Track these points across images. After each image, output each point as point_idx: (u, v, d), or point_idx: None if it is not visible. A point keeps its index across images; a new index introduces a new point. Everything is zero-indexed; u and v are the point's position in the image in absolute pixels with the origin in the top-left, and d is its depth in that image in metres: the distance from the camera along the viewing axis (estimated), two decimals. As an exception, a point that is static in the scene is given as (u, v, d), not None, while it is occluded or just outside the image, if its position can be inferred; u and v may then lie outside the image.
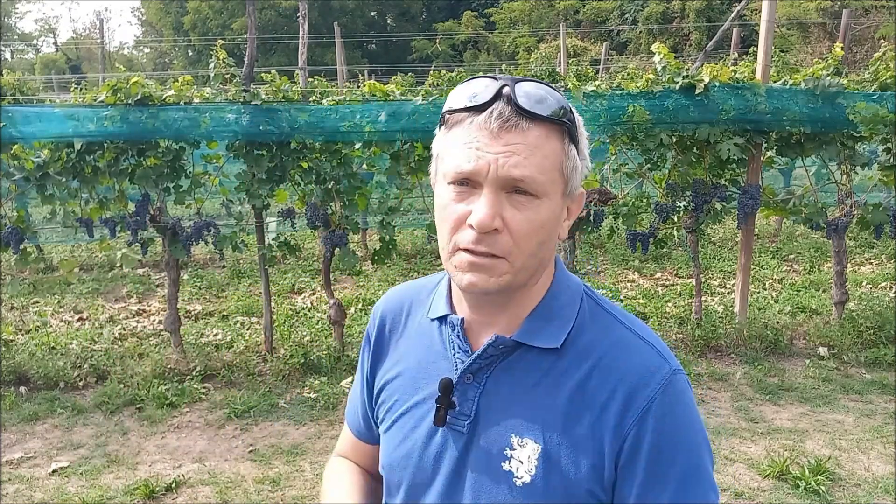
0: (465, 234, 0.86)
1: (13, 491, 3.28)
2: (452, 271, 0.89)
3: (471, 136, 0.85)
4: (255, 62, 4.63)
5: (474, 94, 0.86)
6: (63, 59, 40.86)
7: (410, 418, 0.99)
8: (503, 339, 0.92)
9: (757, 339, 4.79)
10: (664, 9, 26.65)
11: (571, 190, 0.91)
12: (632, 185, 5.67)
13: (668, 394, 0.87)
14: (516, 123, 0.84)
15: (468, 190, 0.86)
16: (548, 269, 0.96)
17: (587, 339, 0.93)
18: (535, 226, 0.86)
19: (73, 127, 4.25)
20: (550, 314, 0.94)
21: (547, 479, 0.88)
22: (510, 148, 0.83)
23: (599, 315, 0.96)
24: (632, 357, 0.90)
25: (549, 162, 0.86)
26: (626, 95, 4.40)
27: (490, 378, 0.94)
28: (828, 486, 3.17)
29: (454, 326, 0.97)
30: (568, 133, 0.88)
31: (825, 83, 4.29)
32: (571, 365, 0.91)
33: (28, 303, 6.38)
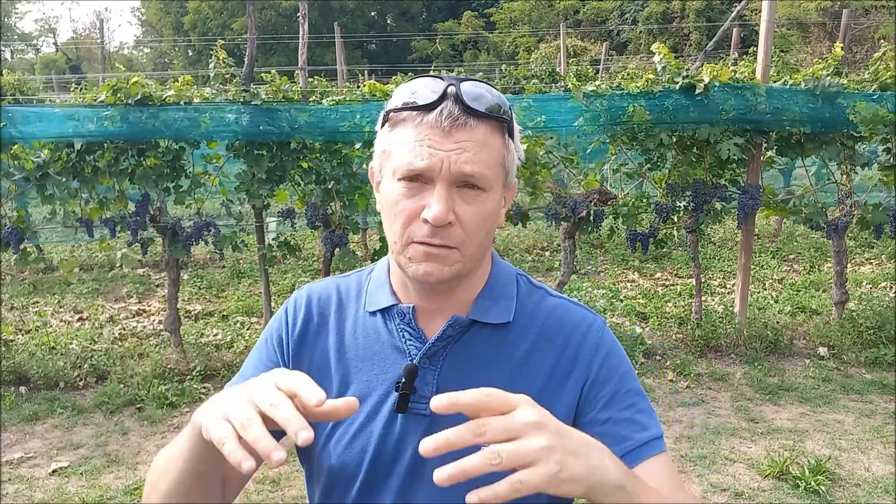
0: (418, 227, 0.90)
1: (13, 491, 3.28)
2: (405, 263, 0.93)
3: (421, 134, 0.88)
4: (255, 62, 4.63)
5: (419, 94, 0.89)
6: (63, 59, 40.86)
7: (360, 412, 0.99)
8: (460, 318, 0.97)
9: (757, 339, 4.79)
10: (664, 9, 26.65)
11: (509, 181, 0.97)
12: (632, 185, 5.66)
13: (606, 336, 1.02)
14: (465, 122, 0.88)
15: (419, 185, 0.90)
16: (487, 255, 1.03)
17: (528, 310, 1.02)
18: (484, 217, 0.92)
19: (73, 127, 4.25)
20: (496, 293, 1.02)
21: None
22: (461, 145, 0.88)
23: (533, 290, 1.06)
24: (570, 317, 1.02)
25: (494, 157, 0.91)
26: (626, 95, 4.40)
27: (446, 359, 0.98)
28: (828, 486, 3.17)
29: (404, 315, 1.00)
30: (507, 128, 0.94)
31: (825, 83, 4.29)
32: (520, 335, 1.00)
33: (28, 303, 6.38)
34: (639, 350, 4.67)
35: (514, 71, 12.39)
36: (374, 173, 0.99)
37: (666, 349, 4.78)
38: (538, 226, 8.70)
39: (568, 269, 4.81)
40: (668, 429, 3.80)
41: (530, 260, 7.73)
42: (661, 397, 4.18)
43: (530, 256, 7.94)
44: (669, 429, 3.80)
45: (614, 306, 5.81)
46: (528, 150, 4.55)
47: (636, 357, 4.61)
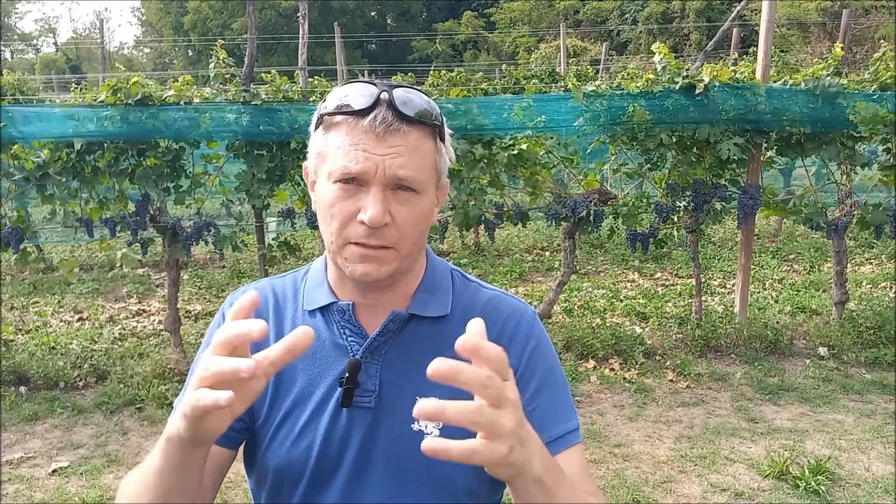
0: (355, 229, 0.93)
1: (13, 491, 3.28)
2: (342, 263, 0.96)
3: (356, 138, 0.91)
4: (255, 62, 4.63)
5: (352, 98, 0.92)
6: (63, 59, 40.86)
7: (304, 410, 1.01)
8: (400, 313, 1.01)
9: (757, 339, 4.79)
10: (664, 9, 26.65)
11: (441, 182, 1.02)
12: (632, 185, 5.66)
13: (536, 328, 1.07)
14: (398, 127, 0.91)
15: (354, 188, 0.93)
16: (422, 252, 1.06)
17: (464, 303, 1.06)
18: (418, 217, 0.95)
19: (73, 127, 4.25)
20: (433, 288, 1.06)
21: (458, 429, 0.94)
22: (394, 150, 0.91)
23: (467, 284, 1.10)
24: (504, 307, 1.07)
25: (427, 161, 0.95)
26: (626, 95, 4.40)
27: (387, 353, 1.01)
28: (828, 486, 3.17)
29: (344, 311, 1.02)
30: (439, 133, 0.97)
31: (825, 83, 4.29)
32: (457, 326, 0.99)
33: (28, 303, 6.38)
34: (639, 350, 4.67)
35: (514, 71, 12.39)
36: (309, 173, 1.02)
37: (666, 349, 4.77)
38: (538, 226, 8.71)
39: (568, 269, 4.81)
40: (668, 429, 3.80)
41: (530, 260, 7.73)
42: (661, 397, 4.18)
43: (530, 256, 7.94)
44: (669, 429, 3.80)
45: (614, 306, 5.81)
46: (528, 149, 4.55)
47: (636, 357, 4.62)
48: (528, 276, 7.09)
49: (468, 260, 7.59)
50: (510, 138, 4.57)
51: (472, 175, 4.57)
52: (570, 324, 5.09)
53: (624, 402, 4.14)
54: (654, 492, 3.19)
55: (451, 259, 7.65)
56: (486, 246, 8.06)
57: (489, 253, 7.86)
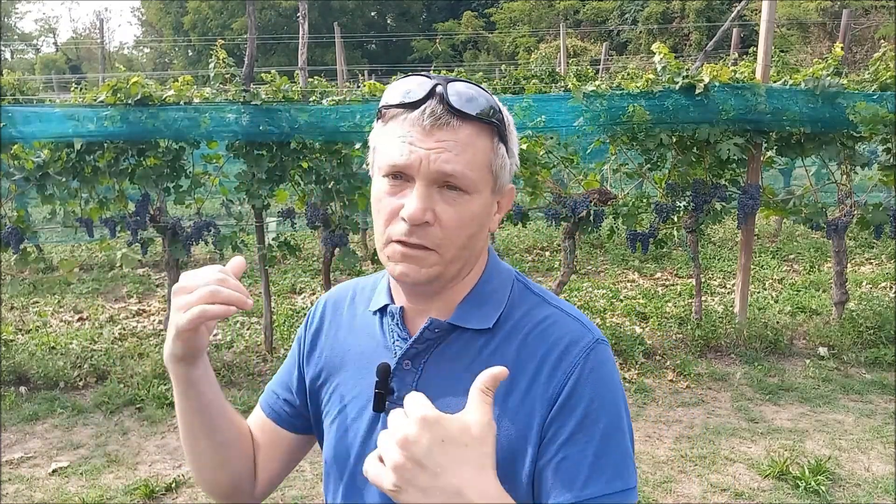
0: (398, 226, 0.90)
1: (13, 491, 3.28)
2: (385, 261, 0.93)
3: (404, 130, 0.88)
4: (255, 62, 4.63)
5: (408, 91, 0.89)
6: (63, 59, 40.86)
7: (353, 409, 1.01)
8: (438, 321, 0.96)
9: (757, 339, 4.79)
10: (664, 9, 26.65)
11: (500, 186, 0.95)
12: (632, 185, 5.66)
13: (590, 360, 0.91)
14: (448, 121, 0.87)
15: (402, 183, 0.90)
16: (481, 258, 1.01)
17: (516, 318, 0.98)
18: (465, 220, 0.90)
19: (73, 127, 4.26)
20: (482, 299, 0.99)
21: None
22: (441, 144, 0.87)
23: (528, 297, 1.01)
24: (557, 329, 0.95)
25: (479, 159, 0.90)
26: (626, 95, 4.40)
27: (427, 362, 0.97)
28: (828, 486, 3.17)
29: (393, 315, 1.00)
30: (497, 132, 0.92)
31: (825, 83, 4.29)
32: (503, 343, 0.96)
33: (28, 303, 6.38)
34: (639, 350, 4.67)
35: (514, 71, 12.39)
36: (370, 170, 1.00)
37: (666, 349, 4.77)
38: (538, 226, 8.71)
39: (568, 269, 4.81)
40: (668, 429, 3.80)
41: (530, 260, 7.73)
42: (661, 397, 4.18)
43: (530, 256, 7.93)
44: (669, 429, 3.80)
45: (614, 306, 5.81)
46: (528, 150, 4.55)
47: (636, 357, 4.61)
48: (528, 276, 7.07)
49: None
50: (510, 138, 4.56)
51: (472, 175, 4.56)
52: (570, 324, 5.09)
53: (624, 402, 4.13)
54: (654, 492, 3.19)
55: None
56: (486, 246, 8.05)
57: (489, 253, 7.85)
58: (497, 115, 0.91)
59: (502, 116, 0.92)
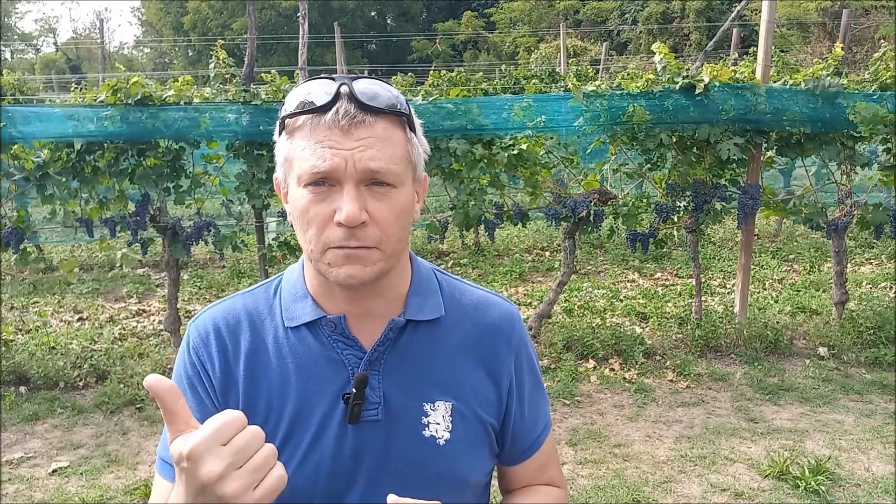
0: (333, 232, 0.88)
1: (13, 491, 3.28)
2: (325, 270, 0.90)
3: (320, 136, 0.86)
4: (255, 62, 4.63)
5: (311, 94, 0.88)
6: (63, 59, 40.85)
7: (306, 432, 0.95)
8: (398, 321, 0.97)
9: (757, 339, 4.79)
10: (664, 9, 26.64)
11: (418, 175, 0.96)
12: (632, 185, 5.66)
13: (523, 329, 1.10)
14: (363, 119, 0.87)
15: (326, 189, 0.88)
16: (406, 252, 1.02)
17: (455, 304, 1.05)
18: (397, 213, 0.90)
19: (73, 127, 4.25)
20: (423, 290, 1.02)
21: (465, 429, 1.00)
22: (363, 142, 0.86)
23: (452, 283, 1.08)
24: (494, 309, 1.07)
25: (399, 151, 0.90)
26: (626, 95, 4.40)
27: (386, 363, 0.98)
28: (828, 486, 3.17)
29: (336, 325, 0.96)
30: (407, 122, 0.92)
31: (825, 83, 4.29)
32: (452, 327, 1.03)
33: (28, 303, 6.38)
34: (639, 350, 4.67)
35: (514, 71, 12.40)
36: (280, 184, 0.96)
37: (666, 349, 4.77)
38: (538, 226, 8.71)
39: (568, 269, 4.81)
40: (668, 429, 3.80)
41: (530, 260, 7.73)
42: (661, 397, 4.18)
43: (530, 256, 7.93)
44: (669, 429, 3.80)
45: (614, 306, 5.81)
46: (528, 150, 4.56)
47: (636, 357, 4.61)
48: (528, 276, 7.09)
49: (468, 260, 7.59)
50: (510, 138, 4.57)
51: (472, 175, 4.57)
52: (570, 324, 5.09)
53: (624, 402, 4.14)
54: (654, 492, 3.19)
55: (451, 259, 7.65)
56: (486, 246, 8.06)
57: (489, 253, 7.86)
58: (403, 105, 0.91)
59: (407, 106, 0.92)
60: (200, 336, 1.01)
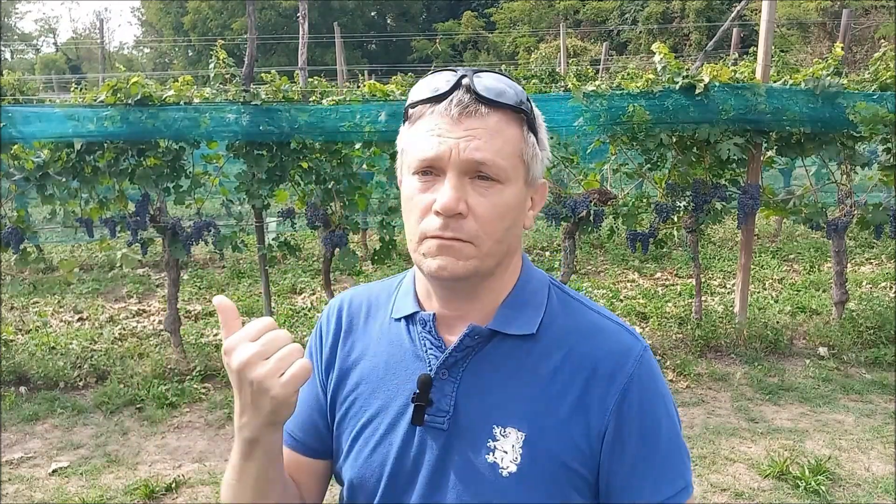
0: (431, 221, 0.87)
1: (13, 491, 3.28)
2: (420, 260, 0.89)
3: (432, 123, 0.87)
4: (255, 62, 4.63)
5: (435, 86, 0.88)
6: (63, 59, 40.86)
7: (381, 423, 0.96)
8: (479, 328, 0.92)
9: (757, 339, 4.79)
10: (664, 9, 26.65)
11: (533, 178, 0.92)
12: (632, 185, 5.66)
13: (643, 369, 0.92)
14: (476, 109, 0.85)
15: (432, 179, 0.87)
16: (515, 258, 0.97)
17: (559, 324, 0.95)
18: (500, 210, 0.87)
19: (73, 127, 4.25)
20: (522, 302, 0.96)
21: (533, 466, 0.89)
22: (471, 132, 0.85)
23: (567, 301, 0.99)
24: (606, 338, 0.94)
25: (510, 147, 0.87)
26: (626, 95, 4.40)
27: (466, 371, 0.93)
28: (828, 486, 3.17)
29: (425, 322, 0.96)
30: (527, 121, 0.90)
31: (825, 83, 4.29)
32: (547, 350, 0.93)
33: (28, 303, 6.38)
34: (639, 350, 4.66)
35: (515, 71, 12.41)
36: (399, 174, 0.96)
37: (666, 349, 4.77)
38: (538, 226, 8.70)
39: (568, 269, 4.81)
40: (668, 429, 3.80)
41: (530, 260, 7.72)
42: (661, 397, 4.18)
43: (530, 256, 7.94)
44: (669, 429, 3.79)
45: (614, 306, 5.81)
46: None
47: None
48: (528, 276, 7.09)
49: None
50: (510, 138, 4.56)
51: (472, 175, 4.56)
52: (570, 324, 5.09)
53: (624, 402, 4.13)
54: (654, 492, 3.19)
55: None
56: (486, 246, 8.05)
57: (489, 253, 7.85)
58: (525, 103, 0.89)
59: (531, 106, 0.91)
60: (329, 312, 1.09)
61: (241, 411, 0.85)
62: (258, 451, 0.88)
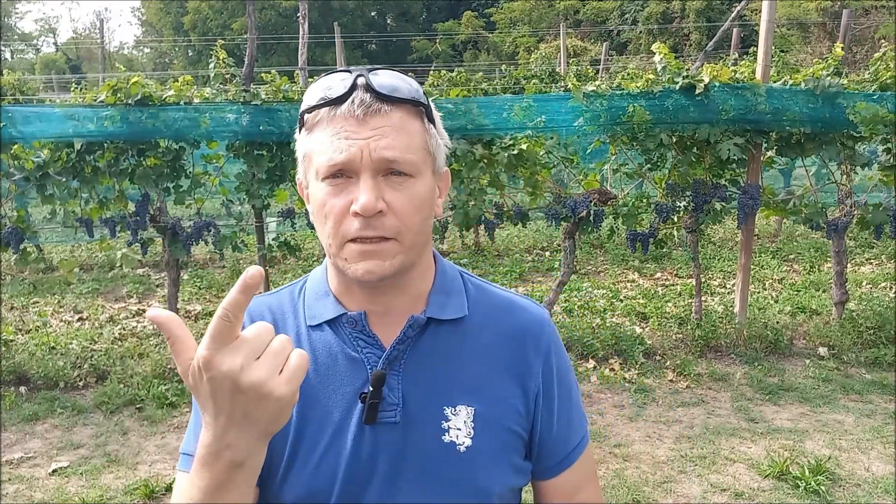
0: (350, 223, 0.87)
1: (13, 491, 3.28)
2: (343, 265, 0.89)
3: (336, 127, 0.86)
4: (255, 62, 4.63)
5: (330, 88, 0.88)
6: (63, 59, 40.85)
7: (323, 434, 0.93)
8: (419, 318, 0.95)
9: (757, 339, 4.79)
10: (664, 9, 26.65)
11: (439, 167, 0.95)
12: (632, 185, 5.66)
13: (554, 334, 1.05)
14: (378, 108, 0.86)
15: (343, 182, 0.87)
16: (428, 249, 0.99)
17: (482, 305, 1.02)
18: (416, 203, 0.89)
19: (73, 127, 4.26)
20: (447, 289, 1.00)
21: (485, 436, 0.95)
22: (378, 131, 0.86)
23: (477, 284, 1.06)
24: (521, 312, 1.04)
25: (416, 141, 0.89)
26: (626, 95, 4.40)
27: (407, 362, 0.95)
28: (828, 486, 3.17)
29: (356, 322, 0.95)
30: (426, 113, 0.92)
31: (825, 83, 4.29)
32: (477, 329, 0.99)
33: (28, 303, 6.38)
34: (639, 350, 4.67)
35: (514, 71, 12.41)
36: (301, 183, 0.95)
37: (666, 349, 4.77)
38: (538, 226, 8.70)
39: (568, 269, 4.81)
40: (668, 429, 3.80)
41: (530, 260, 7.73)
42: (661, 397, 4.18)
43: (530, 256, 7.93)
44: (669, 429, 3.80)
45: (614, 306, 5.81)
46: (528, 149, 4.56)
47: (636, 357, 4.61)
48: (528, 276, 7.09)
49: (468, 260, 7.59)
50: (510, 138, 4.57)
51: (472, 175, 4.57)
52: (570, 324, 5.09)
53: (624, 402, 4.14)
54: (654, 492, 3.19)
55: (450, 259, 7.63)
56: (486, 246, 8.06)
57: (489, 253, 7.86)
58: (421, 96, 0.91)
59: (425, 97, 0.92)
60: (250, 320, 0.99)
61: (223, 432, 0.74)
62: (241, 477, 0.77)
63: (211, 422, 0.75)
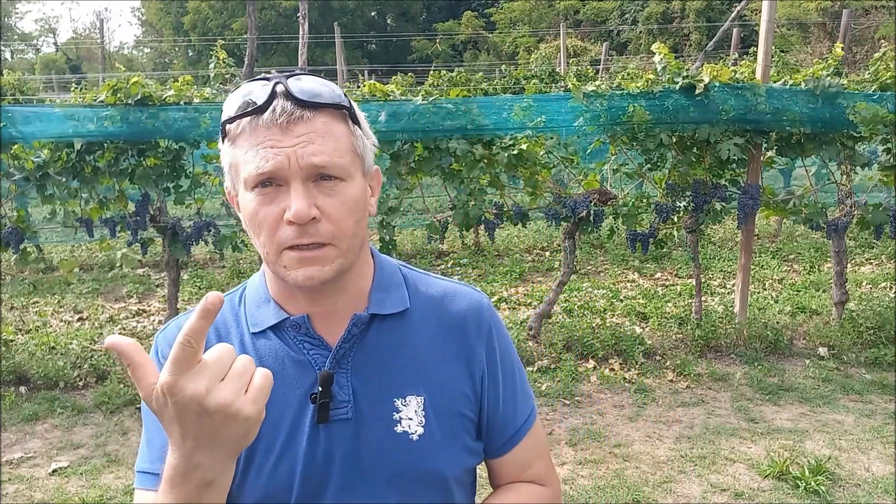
0: (285, 232, 0.87)
1: (13, 491, 3.28)
2: (283, 273, 0.90)
3: (261, 136, 0.86)
4: (255, 62, 4.63)
5: (249, 95, 0.87)
6: (63, 59, 40.86)
7: (277, 436, 0.95)
8: (362, 316, 0.97)
9: (757, 339, 4.79)
10: (664, 9, 26.66)
11: (368, 168, 0.96)
12: (632, 185, 5.66)
13: (495, 317, 1.08)
14: (301, 115, 0.86)
15: (273, 190, 0.87)
16: (365, 246, 1.00)
17: (422, 296, 1.04)
18: (349, 206, 0.90)
19: (73, 127, 4.26)
20: (386, 285, 1.02)
21: (436, 423, 0.98)
22: (303, 138, 0.86)
23: (416, 275, 1.08)
24: (462, 298, 1.06)
25: (343, 144, 0.90)
26: (626, 95, 4.40)
27: (354, 359, 0.97)
28: (828, 486, 3.17)
29: (299, 325, 0.96)
30: (349, 115, 0.92)
31: (825, 83, 4.29)
32: (419, 321, 1.02)
33: (28, 303, 6.38)
34: (639, 350, 4.67)
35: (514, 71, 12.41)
36: (230, 193, 0.96)
37: (666, 349, 4.77)
38: (538, 226, 8.70)
39: (568, 269, 4.81)
40: (668, 429, 3.80)
41: (530, 260, 7.73)
42: (661, 397, 4.18)
43: (530, 256, 7.94)
44: (669, 429, 3.80)
45: (614, 306, 5.81)
46: (528, 149, 4.56)
47: (636, 357, 4.61)
48: (528, 276, 7.09)
49: (468, 260, 7.59)
50: (510, 138, 4.57)
51: (472, 175, 4.57)
52: (570, 324, 5.09)
53: (624, 402, 4.14)
54: (654, 492, 3.19)
55: (451, 259, 7.65)
56: (486, 246, 8.06)
57: (489, 253, 7.86)
58: (343, 98, 0.91)
59: (347, 99, 0.92)
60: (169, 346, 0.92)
61: (190, 454, 0.75)
62: (211, 495, 0.79)
63: (178, 444, 0.75)
